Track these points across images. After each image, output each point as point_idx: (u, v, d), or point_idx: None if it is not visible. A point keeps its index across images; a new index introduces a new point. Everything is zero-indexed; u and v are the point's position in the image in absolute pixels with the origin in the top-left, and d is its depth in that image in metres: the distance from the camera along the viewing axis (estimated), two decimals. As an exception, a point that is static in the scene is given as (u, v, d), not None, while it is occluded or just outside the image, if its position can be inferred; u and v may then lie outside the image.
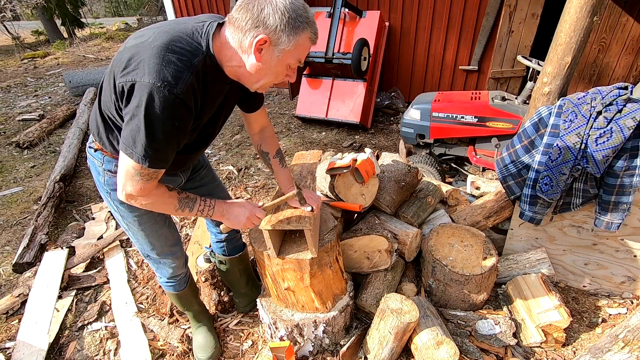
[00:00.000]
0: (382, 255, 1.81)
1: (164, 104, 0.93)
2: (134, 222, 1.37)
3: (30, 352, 1.83)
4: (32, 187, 3.55)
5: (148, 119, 0.94)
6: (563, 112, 1.71)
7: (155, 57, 0.94)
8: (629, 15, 3.82)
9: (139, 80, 0.93)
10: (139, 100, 0.93)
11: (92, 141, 1.28)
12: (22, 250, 2.48)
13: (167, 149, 1.03)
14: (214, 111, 1.18)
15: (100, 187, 1.34)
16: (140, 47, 0.98)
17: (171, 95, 0.93)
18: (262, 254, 1.50)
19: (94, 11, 25.14)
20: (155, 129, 0.96)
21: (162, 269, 1.57)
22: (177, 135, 1.03)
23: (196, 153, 1.35)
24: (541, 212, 1.88)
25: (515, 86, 4.21)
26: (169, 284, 1.64)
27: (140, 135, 0.96)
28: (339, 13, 4.19)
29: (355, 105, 4.37)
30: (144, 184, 1.06)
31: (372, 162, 1.89)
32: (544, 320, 1.67)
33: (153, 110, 0.93)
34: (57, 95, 6.33)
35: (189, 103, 0.98)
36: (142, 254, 1.52)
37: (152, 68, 0.93)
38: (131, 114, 0.96)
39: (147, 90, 0.92)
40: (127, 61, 0.97)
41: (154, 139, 0.97)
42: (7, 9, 10.16)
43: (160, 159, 1.03)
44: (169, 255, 1.52)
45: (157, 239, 1.45)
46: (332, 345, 1.74)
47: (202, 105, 1.07)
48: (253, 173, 3.69)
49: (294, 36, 0.99)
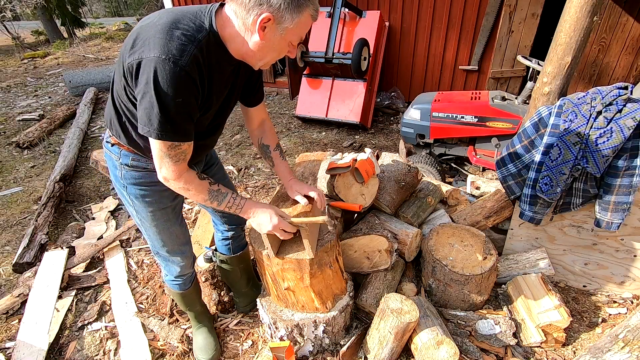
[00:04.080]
0: (382, 255, 1.81)
1: (170, 75, 0.95)
2: (147, 218, 1.38)
3: (30, 352, 1.83)
4: (32, 187, 3.55)
5: (158, 93, 0.96)
6: (563, 112, 1.71)
7: (160, 33, 0.97)
8: (629, 15, 3.82)
9: (145, 56, 0.95)
10: (147, 76, 0.95)
11: (109, 135, 1.29)
12: (22, 250, 2.48)
13: (183, 120, 1.04)
14: (222, 98, 1.20)
15: (117, 182, 1.34)
16: (145, 27, 1.01)
17: (177, 67, 0.95)
18: (262, 253, 1.50)
19: (94, 11, 25.14)
20: (167, 101, 0.97)
21: (171, 267, 1.58)
22: (188, 108, 1.03)
23: (206, 143, 1.36)
24: (541, 212, 1.88)
25: (515, 86, 4.21)
26: (175, 282, 1.65)
27: (154, 111, 0.98)
28: (339, 13, 4.19)
29: (355, 105, 4.37)
30: (174, 166, 1.08)
31: (372, 162, 1.89)
32: (544, 320, 1.67)
33: (162, 83, 0.95)
34: (57, 95, 6.33)
35: (193, 76, 0.99)
36: (153, 250, 1.54)
37: (157, 43, 0.95)
38: (142, 92, 0.98)
39: (154, 65, 0.94)
40: (133, 42, 1.00)
41: (168, 112, 0.98)
42: (7, 9, 10.16)
43: (179, 132, 1.04)
44: (178, 253, 1.54)
45: (168, 237, 1.46)
46: (332, 345, 1.74)
47: (209, 84, 1.08)
48: (253, 173, 3.69)
49: (297, 14, 1.00)
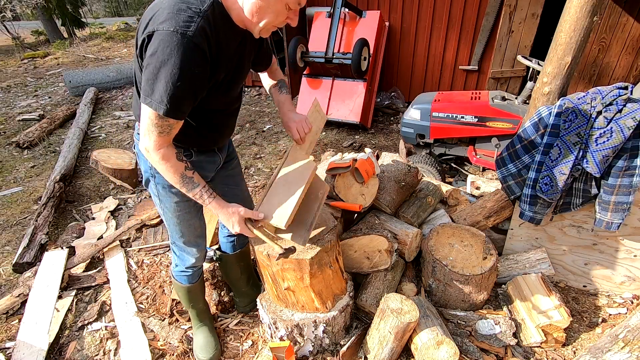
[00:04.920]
0: (382, 255, 1.81)
1: (178, 47, 0.96)
2: (170, 208, 1.43)
3: (30, 352, 1.83)
4: (32, 187, 3.55)
5: (164, 64, 0.97)
6: (563, 112, 1.71)
7: (167, 8, 1.00)
8: (629, 15, 3.82)
9: (154, 29, 0.99)
10: (155, 47, 0.97)
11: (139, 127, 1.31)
12: (22, 250, 2.48)
13: (184, 96, 1.04)
14: (232, 69, 1.20)
15: (147, 171, 1.38)
16: (154, 7, 1.06)
17: (184, 39, 0.97)
18: (262, 253, 1.51)
19: (94, 11, 25.13)
20: (172, 74, 0.98)
21: (184, 257, 1.62)
22: (194, 83, 1.04)
23: (226, 122, 1.39)
24: (541, 212, 1.88)
25: (515, 86, 4.21)
26: (184, 274, 1.67)
27: (157, 82, 0.99)
28: (339, 13, 4.19)
29: (355, 105, 4.37)
30: (157, 137, 1.08)
31: (372, 162, 1.89)
32: (544, 320, 1.67)
33: (170, 55, 0.97)
34: (57, 95, 6.33)
35: (203, 47, 1.01)
36: (170, 239, 1.60)
37: (165, 17, 0.99)
38: (147, 61, 1.00)
39: (161, 37, 0.97)
40: (145, 22, 1.04)
41: (171, 85, 0.99)
42: (7, 9, 10.15)
43: (175, 108, 1.04)
44: (194, 245, 1.59)
45: (187, 228, 1.52)
46: (332, 345, 1.74)
47: (218, 54, 1.09)
48: (253, 173, 3.69)
49: None
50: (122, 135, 4.71)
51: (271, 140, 4.40)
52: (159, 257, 2.53)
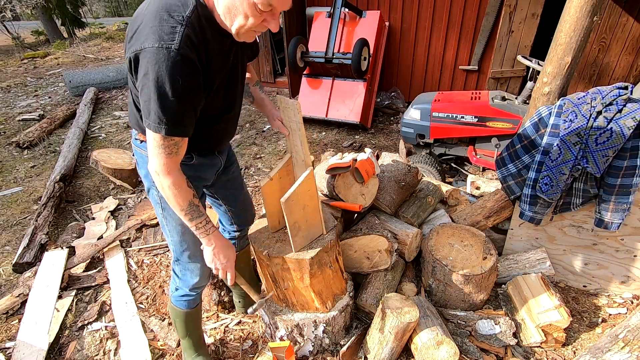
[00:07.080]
0: (382, 255, 1.81)
1: (167, 63, 0.94)
2: (174, 216, 1.35)
3: (30, 352, 1.83)
4: (32, 187, 3.55)
5: (156, 83, 0.95)
6: (563, 112, 1.71)
7: (150, 21, 0.97)
8: (629, 15, 3.82)
9: (139, 47, 0.96)
10: (145, 67, 0.95)
11: (137, 133, 1.31)
12: (22, 250, 2.48)
13: (182, 111, 1.01)
14: (227, 72, 1.18)
15: (146, 178, 1.35)
16: (138, 18, 1.03)
17: (170, 53, 0.94)
18: (261, 253, 1.51)
19: (94, 11, 25.12)
20: (165, 92, 0.96)
21: (187, 277, 1.50)
22: (190, 95, 1.01)
23: (226, 127, 1.36)
24: (541, 212, 1.88)
25: (515, 86, 4.21)
26: (186, 299, 1.55)
27: (152, 103, 0.97)
28: (339, 13, 4.19)
29: (355, 105, 4.37)
30: (166, 159, 1.06)
31: (372, 162, 1.89)
32: (544, 320, 1.67)
33: (158, 73, 0.94)
34: (57, 95, 6.33)
35: (191, 57, 0.97)
36: (173, 257, 1.49)
37: (148, 32, 0.96)
38: (141, 84, 0.98)
39: (149, 55, 0.94)
40: (130, 35, 1.02)
41: (166, 104, 0.97)
42: (7, 9, 10.15)
43: (176, 124, 1.02)
44: (199, 259, 1.45)
45: (192, 237, 1.38)
46: (332, 345, 1.74)
47: (208, 60, 1.05)
48: (253, 173, 3.69)
49: None
50: (122, 135, 4.71)
51: (271, 140, 4.40)
52: (159, 257, 2.53)
